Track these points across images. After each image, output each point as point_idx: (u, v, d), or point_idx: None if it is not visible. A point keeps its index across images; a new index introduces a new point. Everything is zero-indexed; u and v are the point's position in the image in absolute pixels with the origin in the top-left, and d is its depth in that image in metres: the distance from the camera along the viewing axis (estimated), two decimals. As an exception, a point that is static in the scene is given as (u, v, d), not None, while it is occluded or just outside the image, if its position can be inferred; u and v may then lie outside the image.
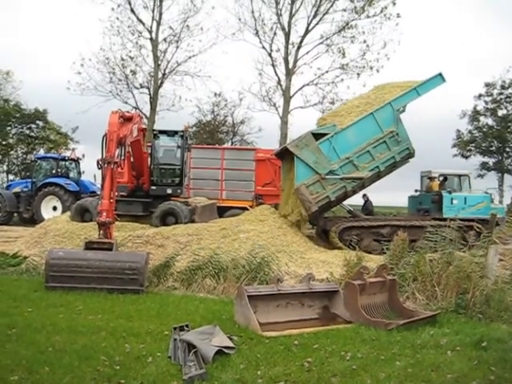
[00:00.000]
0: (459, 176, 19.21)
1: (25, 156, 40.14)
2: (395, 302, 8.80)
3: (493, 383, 5.45)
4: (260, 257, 11.54)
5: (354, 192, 16.91)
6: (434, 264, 9.73)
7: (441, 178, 18.60)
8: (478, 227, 16.26)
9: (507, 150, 40.66)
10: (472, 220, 16.53)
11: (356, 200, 21.11)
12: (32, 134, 39.44)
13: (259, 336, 6.98)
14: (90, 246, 10.75)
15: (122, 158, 12.19)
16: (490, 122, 41.45)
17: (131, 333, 7.00)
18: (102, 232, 11.04)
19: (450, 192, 17.56)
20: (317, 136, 15.43)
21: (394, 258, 10.71)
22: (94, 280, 9.95)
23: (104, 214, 10.97)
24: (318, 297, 8.50)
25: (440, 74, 16.66)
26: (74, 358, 5.77)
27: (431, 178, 18.98)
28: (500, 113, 40.96)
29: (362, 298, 8.23)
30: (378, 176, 16.53)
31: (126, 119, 12.63)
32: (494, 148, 40.98)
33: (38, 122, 38.93)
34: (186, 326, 7.16)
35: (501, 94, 40.98)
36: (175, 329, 7.05)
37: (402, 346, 6.73)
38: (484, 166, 40.16)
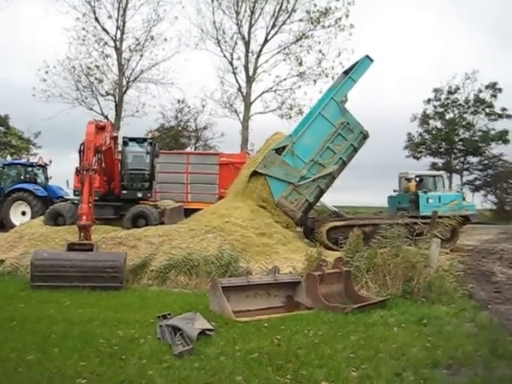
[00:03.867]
0: (434, 177, 20.85)
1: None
2: (351, 291, 9.97)
3: (428, 349, 6.66)
4: (228, 253, 12.54)
5: (328, 186, 17.92)
6: (384, 256, 10.94)
7: (417, 179, 20.07)
8: (449, 223, 17.65)
9: (455, 151, 42.87)
10: (446, 217, 17.99)
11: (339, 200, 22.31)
12: (-7, 139, 39.41)
13: (233, 321, 7.99)
14: (72, 247, 11.57)
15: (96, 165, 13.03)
16: (438, 124, 43.66)
17: (121, 321, 7.90)
18: (82, 234, 11.86)
19: (425, 192, 19.06)
20: (278, 151, 16.61)
21: (350, 252, 11.89)
22: (77, 279, 10.72)
23: (84, 217, 11.81)
24: (282, 287, 9.53)
25: (367, 56, 17.83)
26: (77, 342, 6.67)
27: (408, 179, 20.39)
28: (447, 116, 43.18)
29: (321, 287, 9.34)
30: (343, 165, 17.73)
31: (100, 128, 13.45)
32: (442, 149, 43.19)
33: (-1, 127, 39.00)
34: (169, 314, 8.10)
35: (447, 98, 43.23)
36: (159, 317, 7.97)
37: (356, 324, 7.91)
38: (434, 166, 42.17)
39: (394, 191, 21.70)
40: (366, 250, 11.50)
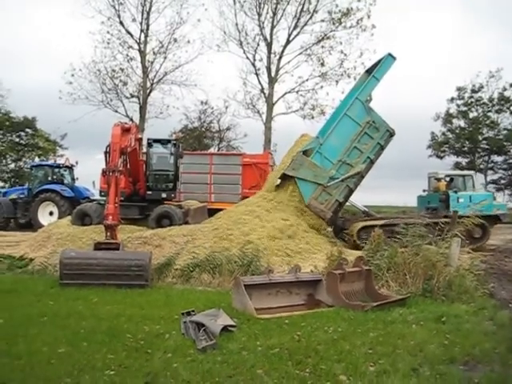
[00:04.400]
0: (463, 176, 20.88)
1: (15, 163, 40.92)
2: (371, 289, 10.12)
3: (446, 346, 6.78)
4: (251, 253, 12.77)
5: (357, 186, 18.07)
6: (405, 255, 11.05)
7: (447, 179, 20.14)
8: (482, 223, 17.59)
9: (478, 150, 42.48)
10: (477, 217, 18.10)
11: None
12: (21, 141, 40.24)
13: (255, 318, 8.22)
14: (98, 246, 11.93)
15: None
16: (462, 123, 43.32)
17: (146, 318, 8.19)
18: (108, 234, 12.22)
19: (455, 191, 19.10)
20: (306, 153, 16.83)
21: (371, 251, 12.04)
22: (104, 277, 11.06)
23: (110, 217, 12.17)
24: (303, 285, 9.73)
25: (390, 54, 17.84)
26: (105, 336, 6.97)
27: (438, 179, 20.45)
28: (471, 115, 42.82)
29: (341, 286, 9.51)
30: (371, 163, 17.88)
31: (125, 130, 13.80)
32: (466, 148, 42.83)
33: (27, 129, 39.83)
34: (192, 311, 8.33)
35: (471, 97, 42.88)
36: (183, 314, 8.21)
37: (375, 322, 8.06)
38: (457, 165, 41.87)
39: (424, 191, 21.76)
40: (387, 250, 11.63)
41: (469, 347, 6.73)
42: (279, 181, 17.62)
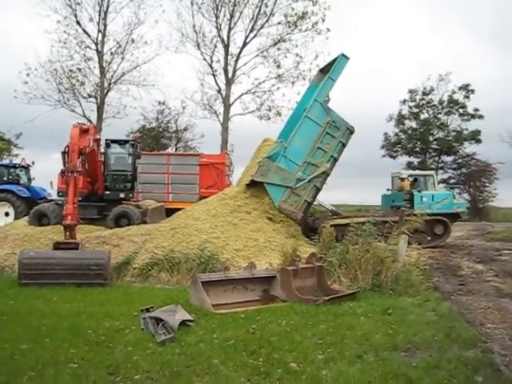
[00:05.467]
0: (425, 176, 21.85)
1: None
2: (323, 284, 10.62)
3: (390, 335, 7.32)
4: (208, 251, 13.10)
5: (323, 184, 18.57)
6: (356, 252, 11.61)
7: (410, 179, 21.08)
8: (443, 220, 19.45)
9: (429, 150, 43.86)
10: (439, 214, 19.29)
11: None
12: (-27, 141, 39.36)
13: (212, 313, 8.58)
14: (57, 246, 12.05)
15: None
16: (413, 125, 44.61)
17: (107, 315, 8.43)
18: (67, 233, 12.34)
19: (419, 191, 19.90)
20: (271, 157, 17.32)
21: (324, 248, 12.56)
22: (63, 276, 11.22)
23: (69, 217, 12.31)
24: (259, 282, 10.15)
25: (343, 55, 18.54)
26: (66, 333, 7.19)
27: (402, 179, 21.28)
28: (422, 117, 44.19)
29: (295, 281, 9.98)
30: (335, 161, 18.48)
31: (84, 131, 13.92)
32: (417, 149, 44.10)
33: (-21, 128, 38.98)
34: (151, 307, 8.60)
35: (422, 99, 44.24)
36: (142, 310, 8.48)
37: (326, 315, 8.57)
38: (409, 165, 43.09)
39: (388, 190, 22.62)
40: (339, 246, 12.16)
41: (411, 336, 7.29)
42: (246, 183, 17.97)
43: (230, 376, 5.52)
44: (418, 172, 23.20)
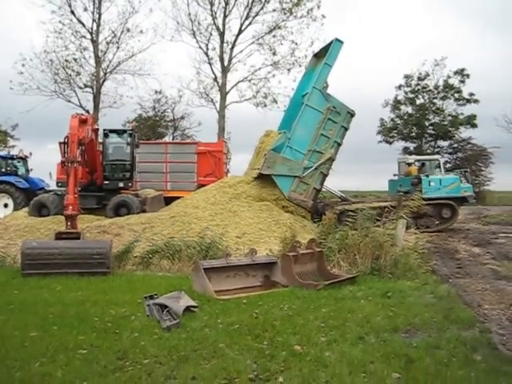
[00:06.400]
0: (430, 161, 22.03)
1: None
2: (323, 269, 10.78)
3: (390, 317, 7.49)
4: (208, 238, 13.24)
5: (329, 170, 18.75)
6: (355, 237, 11.78)
7: (417, 164, 21.25)
8: (451, 204, 19.93)
9: (425, 135, 44.13)
10: (447, 198, 19.69)
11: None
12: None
13: (215, 299, 8.73)
14: (59, 236, 12.16)
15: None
16: (409, 110, 44.84)
17: (111, 302, 8.57)
18: (69, 223, 12.45)
19: (427, 175, 20.07)
20: (276, 149, 17.44)
21: (323, 233, 12.72)
22: (66, 265, 11.32)
23: (70, 207, 12.39)
24: (260, 268, 10.31)
25: (337, 39, 18.70)
26: (73, 320, 7.34)
27: (409, 164, 21.50)
28: (418, 102, 44.39)
29: (295, 267, 10.12)
30: (339, 146, 18.70)
31: (83, 122, 13.96)
32: (413, 134, 44.41)
33: (-25, 120, 38.92)
34: (155, 294, 8.75)
35: (418, 84, 44.42)
36: (146, 297, 8.64)
37: (327, 299, 8.72)
38: (406, 150, 43.36)
39: (394, 175, 22.84)
40: (338, 232, 12.32)
41: (410, 317, 7.46)
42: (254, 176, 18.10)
43: (236, 359, 5.67)
44: (424, 157, 23.33)
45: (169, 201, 20.06)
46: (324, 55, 19.02)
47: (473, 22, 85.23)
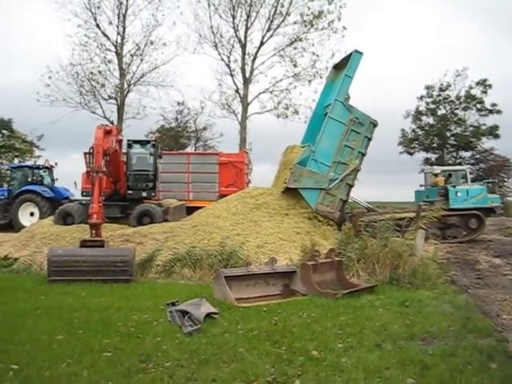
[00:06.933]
0: (456, 171, 22.11)
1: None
2: (342, 278, 10.91)
3: (407, 326, 7.59)
4: (229, 247, 13.45)
5: (354, 180, 18.68)
6: (374, 247, 11.88)
7: (445, 174, 21.33)
8: (478, 214, 19.92)
9: (447, 146, 43.89)
10: (474, 209, 19.80)
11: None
12: (-3, 143, 40.25)
13: (235, 306, 8.93)
14: (84, 244, 12.49)
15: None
16: (430, 121, 44.66)
17: (134, 308, 8.83)
18: (93, 232, 12.77)
19: (454, 186, 20.16)
20: (301, 163, 17.63)
21: (342, 243, 12.85)
22: (90, 273, 11.66)
23: (95, 216, 12.73)
24: (279, 276, 10.47)
25: (356, 51, 18.67)
26: (98, 325, 7.61)
27: (436, 174, 21.52)
28: (439, 112, 44.23)
29: (314, 276, 10.28)
30: (363, 156, 18.68)
31: (107, 132, 14.32)
32: (435, 145, 44.21)
33: (3, 131, 39.81)
34: (177, 301, 8.98)
35: (439, 95, 44.30)
36: (168, 304, 8.86)
37: (345, 307, 8.86)
38: (427, 161, 43.19)
39: (421, 186, 22.88)
40: (358, 242, 12.43)
41: (428, 326, 7.56)
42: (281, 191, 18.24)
43: (255, 363, 5.85)
44: (450, 167, 23.33)
45: (191, 210, 20.22)
46: (343, 66, 19.15)
47: (496, 30, 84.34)
